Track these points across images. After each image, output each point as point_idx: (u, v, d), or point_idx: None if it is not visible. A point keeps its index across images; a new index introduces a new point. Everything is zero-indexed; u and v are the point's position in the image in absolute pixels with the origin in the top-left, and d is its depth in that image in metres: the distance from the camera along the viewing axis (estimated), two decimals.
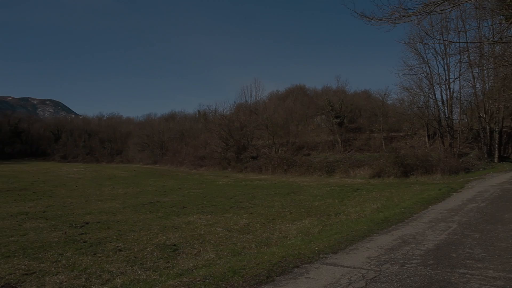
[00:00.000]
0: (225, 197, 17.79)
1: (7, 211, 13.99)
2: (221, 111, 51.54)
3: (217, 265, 6.44)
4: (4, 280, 6.09)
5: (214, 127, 44.97)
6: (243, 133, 41.30)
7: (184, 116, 74.36)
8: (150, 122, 74.59)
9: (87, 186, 24.39)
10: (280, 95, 64.97)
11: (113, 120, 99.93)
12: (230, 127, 41.52)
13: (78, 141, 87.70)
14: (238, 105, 54.04)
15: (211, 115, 57.97)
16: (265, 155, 37.86)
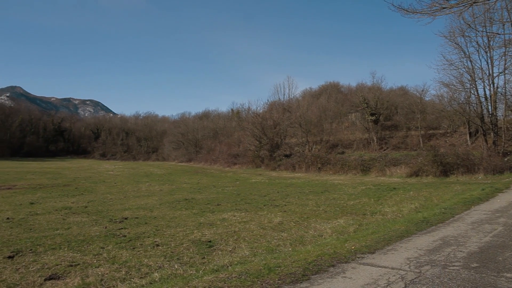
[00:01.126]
0: (258, 195, 17.84)
1: (53, 205, 14.69)
2: (254, 109, 51.81)
3: (252, 262, 6.46)
4: (51, 271, 6.40)
5: (248, 125, 45.23)
6: (276, 131, 41.25)
7: (217, 115, 75.20)
8: (184, 121, 75.99)
9: (125, 183, 25.19)
10: (314, 92, 64.40)
11: (149, 119, 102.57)
12: (263, 125, 41.59)
13: (116, 139, 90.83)
14: (271, 103, 54.04)
15: (244, 113, 58.35)
16: (299, 153, 37.64)
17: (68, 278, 6.00)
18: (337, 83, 65.43)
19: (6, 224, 10.84)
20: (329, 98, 50.76)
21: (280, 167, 36.26)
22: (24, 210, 13.38)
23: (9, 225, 10.63)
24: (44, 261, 6.98)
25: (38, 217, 11.97)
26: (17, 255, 7.35)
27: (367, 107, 38.28)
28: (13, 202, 15.65)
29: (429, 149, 26.57)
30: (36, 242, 8.50)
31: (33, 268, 6.55)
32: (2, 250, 7.72)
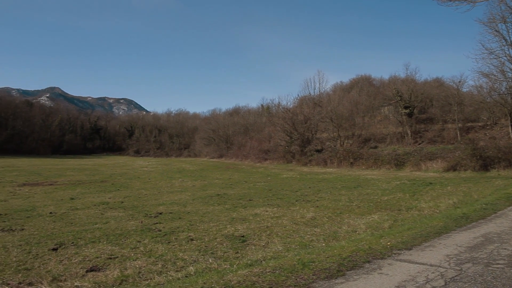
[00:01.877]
0: (290, 190, 17.78)
1: (91, 201, 15.26)
2: (285, 105, 51.58)
3: (285, 257, 6.45)
4: (92, 263, 6.66)
5: (278, 120, 45.11)
6: (307, 126, 40.92)
7: (248, 111, 75.47)
8: (215, 117, 76.74)
9: (158, 179, 25.78)
10: (345, 86, 63.41)
11: (181, 116, 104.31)
12: (294, 120, 41.36)
13: (149, 136, 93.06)
14: (302, 98, 53.64)
15: (274, 108, 58.27)
16: (330, 148, 37.20)
17: (108, 270, 6.22)
18: (369, 76, 64.17)
19: (49, 218, 11.36)
20: (361, 92, 49.80)
21: (311, 162, 35.97)
22: (65, 205, 13.96)
23: (52, 219, 11.13)
24: (85, 253, 7.27)
25: (78, 212, 12.47)
26: (60, 248, 7.69)
27: (401, 100, 37.23)
28: (55, 197, 16.36)
29: (467, 142, 25.54)
30: (77, 235, 8.86)
31: (75, 260, 6.83)
32: (46, 243, 8.11)
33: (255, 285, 4.88)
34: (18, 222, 10.73)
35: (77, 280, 5.69)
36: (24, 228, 9.74)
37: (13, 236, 8.86)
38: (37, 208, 13.20)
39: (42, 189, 19.38)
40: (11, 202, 14.76)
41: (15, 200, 15.48)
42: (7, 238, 8.58)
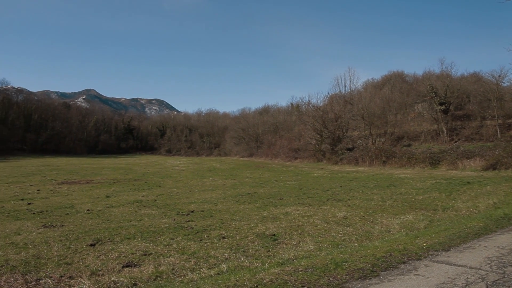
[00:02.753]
0: (321, 189, 17.61)
1: (125, 199, 15.70)
2: (315, 103, 51.05)
3: (317, 257, 6.39)
4: (128, 259, 6.85)
5: (308, 119, 44.77)
6: (338, 124, 40.37)
7: (277, 109, 75.35)
8: (245, 116, 77.11)
9: (190, 178, 26.19)
10: (376, 83, 62.06)
11: (211, 115, 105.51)
12: (324, 118, 40.91)
13: (181, 136, 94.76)
14: (332, 95, 52.96)
15: (304, 107, 57.83)
16: (362, 147, 36.54)
17: (143, 266, 6.38)
18: (402, 72, 62.41)
19: (87, 215, 11.78)
20: (393, 89, 48.58)
21: (342, 161, 35.47)
22: (101, 203, 14.44)
23: (90, 216, 11.54)
24: (121, 249, 7.48)
25: (113, 209, 12.86)
26: (98, 244, 7.96)
27: (436, 96, 36.01)
28: (92, 195, 16.96)
29: (508, 140, 24.41)
30: (113, 232, 9.14)
31: (111, 256, 7.05)
32: (84, 239, 8.41)
33: (287, 284, 4.86)
34: (58, 218, 11.20)
35: (114, 275, 5.87)
36: (64, 224, 10.15)
37: (54, 231, 9.25)
38: (75, 206, 13.73)
39: (80, 187, 20.13)
40: (51, 200, 15.42)
41: (55, 197, 16.15)
42: (48, 234, 8.97)
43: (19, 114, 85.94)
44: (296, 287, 4.75)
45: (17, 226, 10.04)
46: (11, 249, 7.57)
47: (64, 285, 5.36)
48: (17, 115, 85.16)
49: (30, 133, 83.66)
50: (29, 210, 12.80)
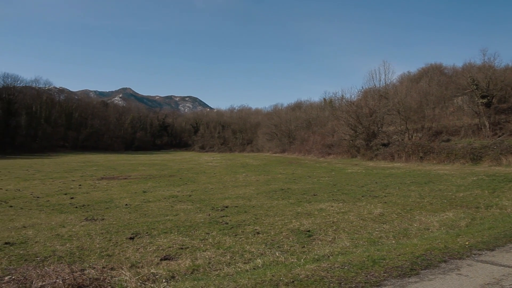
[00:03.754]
0: (356, 186, 17.31)
1: (161, 194, 16.09)
2: (348, 98, 50.13)
3: (354, 253, 6.30)
4: (165, 252, 7.03)
5: (342, 114, 44.05)
6: (373, 119, 39.46)
7: (310, 105, 74.61)
8: (277, 112, 76.96)
9: (223, 173, 26.47)
10: (412, 76, 60.08)
11: (243, 112, 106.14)
12: (358, 113, 40.12)
13: (214, 132, 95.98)
14: (366, 90, 51.63)
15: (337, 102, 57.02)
16: (398, 142, 35.55)
17: (180, 260, 6.52)
18: (440, 64, 59.96)
19: (125, 209, 12.18)
20: (431, 82, 46.83)
21: (377, 157, 34.69)
22: (139, 198, 14.88)
23: (128, 210, 11.93)
24: (158, 243, 7.69)
25: (150, 204, 13.22)
26: (136, 237, 8.21)
27: (477, 89, 34.40)
28: (130, 190, 17.50)
29: None
30: (150, 226, 9.40)
31: (150, 249, 7.26)
32: (124, 232, 8.70)
33: (323, 280, 4.82)
34: (99, 212, 11.65)
35: (152, 267, 6.04)
36: (104, 218, 10.55)
37: (95, 225, 9.64)
38: (114, 200, 14.23)
39: (118, 183, 20.83)
40: (92, 194, 16.06)
41: (95, 192, 16.80)
42: (90, 227, 9.35)
43: (61, 113, 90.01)
44: (333, 284, 4.71)
45: (62, 219, 10.54)
46: (57, 241, 7.96)
47: (106, 275, 5.57)
48: (59, 114, 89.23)
49: (71, 131, 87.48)
50: (72, 204, 13.40)
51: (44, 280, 4.94)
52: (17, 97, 79.57)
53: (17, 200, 14.30)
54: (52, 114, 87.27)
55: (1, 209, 12.44)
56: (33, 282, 4.93)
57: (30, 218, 10.83)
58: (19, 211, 12.08)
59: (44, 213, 11.71)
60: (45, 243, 7.79)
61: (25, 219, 10.67)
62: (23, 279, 5.07)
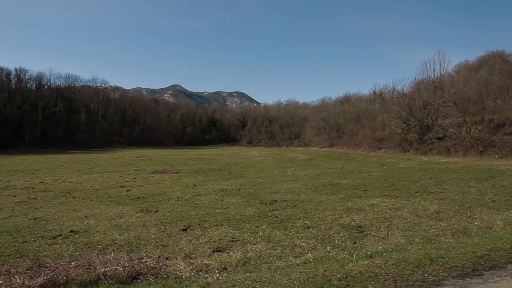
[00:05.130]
0: (409, 181, 16.63)
1: (211, 187, 16.45)
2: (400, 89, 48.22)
3: (409, 251, 6.07)
4: (217, 244, 7.18)
5: (393, 106, 42.52)
6: (427, 112, 37.68)
7: (359, 98, 72.64)
8: (325, 106, 75.82)
9: (271, 168, 26.54)
10: (471, 65, 56.49)
11: (291, 106, 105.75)
12: (410, 105, 38.51)
13: (261, 127, 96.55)
14: (419, 81, 49.32)
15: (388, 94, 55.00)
16: (454, 135, 33.68)
17: (231, 252, 6.63)
18: (502, 52, 55.74)
19: (177, 202, 12.60)
20: (492, 71, 43.76)
21: (431, 151, 33.11)
22: (190, 191, 15.31)
23: (180, 203, 12.32)
24: (210, 235, 7.87)
25: (201, 197, 13.55)
26: (189, 229, 8.46)
27: None
28: (181, 184, 18.07)
29: None
30: (202, 218, 9.64)
31: (202, 241, 7.44)
32: (177, 224, 9.00)
33: (378, 277, 4.69)
34: (153, 204, 12.14)
35: (205, 258, 6.20)
36: (158, 210, 10.97)
37: (150, 216, 10.05)
38: (167, 193, 14.75)
39: (170, 176, 21.57)
40: (146, 187, 16.76)
41: (149, 185, 17.52)
42: (145, 218, 9.77)
43: (116, 110, 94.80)
44: (388, 281, 4.56)
45: (119, 210, 11.10)
46: (115, 230, 8.40)
47: (162, 264, 5.79)
48: (114, 111, 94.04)
49: (125, 127, 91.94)
50: (128, 196, 14.08)
51: (106, 266, 5.25)
52: (77, 96, 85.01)
53: (79, 192, 15.28)
54: (108, 111, 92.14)
55: (66, 200, 13.35)
56: (96, 268, 5.25)
57: (91, 208, 11.52)
58: (81, 202, 12.90)
59: (103, 204, 12.41)
60: (105, 232, 8.26)
61: (87, 209, 11.37)
62: (88, 265, 5.42)
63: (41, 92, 78.01)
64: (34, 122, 70.92)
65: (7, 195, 14.52)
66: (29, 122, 69.78)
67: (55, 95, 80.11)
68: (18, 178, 20.48)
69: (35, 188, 16.55)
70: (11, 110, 67.19)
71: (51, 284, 4.81)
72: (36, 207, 11.84)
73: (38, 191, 15.46)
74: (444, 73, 47.74)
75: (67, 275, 5.05)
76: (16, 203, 12.51)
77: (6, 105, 67.24)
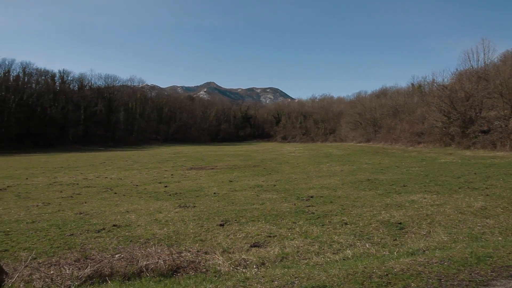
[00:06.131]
0: (451, 176, 15.99)
1: (247, 183, 16.54)
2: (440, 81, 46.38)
3: (453, 249, 5.82)
4: (254, 239, 7.22)
5: (433, 99, 40.99)
6: (469, 104, 36.01)
7: (396, 91, 70.42)
8: (361, 100, 74.23)
9: (306, 164, 26.33)
10: None
11: (325, 101, 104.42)
12: (452, 98, 36.94)
13: (295, 122, 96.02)
14: (461, 72, 47.07)
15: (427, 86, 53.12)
16: (500, 128, 31.98)
17: (269, 247, 6.64)
18: None
19: (214, 197, 12.77)
20: None
21: (475, 145, 31.65)
22: (226, 187, 15.47)
23: (217, 199, 12.48)
24: (247, 230, 7.92)
25: (237, 193, 13.66)
26: (226, 224, 8.56)
27: None
28: (217, 179, 18.30)
29: None
30: (238, 214, 9.72)
31: (239, 236, 7.51)
32: (214, 219, 9.13)
33: (421, 275, 4.54)
34: (190, 200, 12.37)
35: (243, 253, 6.24)
36: (195, 206, 11.17)
37: (188, 211, 10.26)
38: (203, 189, 14.98)
39: (206, 173, 21.90)
40: (183, 183, 17.11)
41: (186, 181, 17.87)
42: (184, 213, 9.98)
43: (153, 108, 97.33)
44: (432, 280, 4.40)
45: (158, 206, 11.41)
46: (155, 225, 8.65)
47: (201, 259, 5.90)
48: (151, 109, 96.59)
49: (162, 125, 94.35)
50: (166, 192, 14.43)
51: (148, 259, 5.41)
52: (116, 95, 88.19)
53: (120, 188, 15.84)
54: (145, 109, 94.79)
55: (108, 195, 13.88)
56: (138, 261, 5.42)
57: (132, 204, 11.91)
58: (122, 197, 13.37)
59: (143, 199, 12.80)
60: (145, 226, 8.52)
61: (128, 204, 11.76)
62: (131, 258, 5.62)
63: (83, 92, 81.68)
64: (77, 121, 74.42)
65: (55, 190, 15.30)
66: (73, 122, 73.34)
67: (96, 95, 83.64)
68: (63, 175, 21.52)
69: (79, 184, 17.32)
70: (56, 111, 70.84)
71: (97, 275, 5.03)
72: (81, 202, 12.40)
73: (82, 187, 16.18)
74: (488, 62, 45.26)
75: (111, 267, 5.25)
76: (63, 198, 13.16)
77: (51, 106, 70.97)
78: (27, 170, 25.09)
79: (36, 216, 10.02)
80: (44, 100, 70.57)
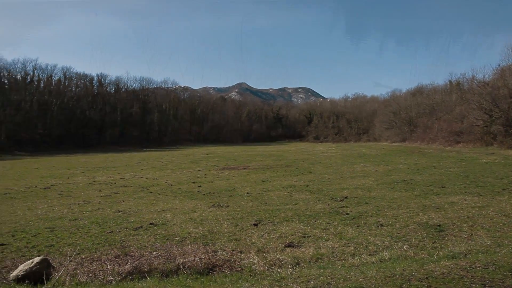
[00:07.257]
0: (493, 177, 15.29)
1: (280, 183, 16.52)
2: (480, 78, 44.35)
3: (498, 253, 5.58)
4: (288, 239, 7.21)
5: (473, 97, 39.32)
6: None
7: (433, 89, 67.91)
8: (395, 99, 72.29)
9: (339, 164, 25.95)
10: None
11: (358, 100, 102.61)
12: (494, 95, 35.28)
13: (328, 122, 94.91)
14: (504, 68, 44.82)
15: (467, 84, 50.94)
16: None
17: (303, 247, 6.62)
18: None
19: (247, 197, 12.85)
20: None
21: None
22: (258, 187, 15.53)
23: (250, 199, 12.55)
24: (281, 230, 7.92)
25: (270, 193, 13.67)
26: (260, 224, 8.60)
27: None
28: (249, 179, 18.39)
29: None
30: (272, 214, 9.74)
31: (273, 236, 7.52)
32: (248, 219, 9.20)
33: (463, 280, 4.37)
34: (224, 200, 12.51)
35: (277, 253, 6.25)
36: (229, 205, 11.29)
37: (222, 211, 10.39)
38: (236, 189, 15.11)
39: (238, 173, 22.06)
40: (216, 183, 17.32)
41: (219, 181, 18.08)
42: (218, 213, 10.12)
43: (186, 110, 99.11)
44: (475, 285, 4.24)
45: (193, 205, 11.62)
46: (190, 224, 8.82)
47: (236, 258, 5.96)
48: (184, 111, 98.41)
49: (195, 126, 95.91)
50: (200, 191, 14.67)
51: (185, 257, 5.54)
52: (150, 97, 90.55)
53: (155, 187, 16.25)
54: (178, 111, 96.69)
55: (144, 194, 14.29)
56: (176, 258, 5.56)
57: (167, 203, 12.20)
58: (157, 196, 13.71)
59: (177, 199, 13.07)
60: (181, 225, 8.70)
61: (163, 203, 12.06)
62: (168, 255, 5.77)
63: (119, 95, 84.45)
64: (114, 123, 77.06)
65: (94, 189, 15.92)
66: (110, 123, 76.04)
67: (131, 97, 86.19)
68: (102, 175, 22.33)
69: (117, 183, 17.92)
70: (94, 113, 73.76)
71: (137, 272, 5.19)
72: (118, 200, 12.84)
73: (119, 186, 16.74)
74: None
75: (150, 264, 5.41)
76: (102, 197, 13.67)
77: (90, 108, 73.92)
78: (68, 170, 26.23)
79: (78, 214, 10.47)
80: (83, 102, 73.80)
